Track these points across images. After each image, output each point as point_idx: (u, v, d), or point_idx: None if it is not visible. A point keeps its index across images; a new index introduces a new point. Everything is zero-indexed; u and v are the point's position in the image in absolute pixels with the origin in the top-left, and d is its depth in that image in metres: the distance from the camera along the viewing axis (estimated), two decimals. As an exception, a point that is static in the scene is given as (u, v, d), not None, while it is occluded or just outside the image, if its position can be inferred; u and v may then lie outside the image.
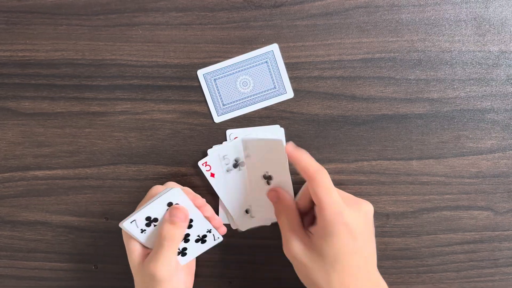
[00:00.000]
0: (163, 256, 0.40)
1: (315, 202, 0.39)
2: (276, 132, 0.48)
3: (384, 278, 0.41)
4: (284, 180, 0.46)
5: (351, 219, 0.39)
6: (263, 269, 0.50)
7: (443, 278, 0.49)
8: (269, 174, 0.47)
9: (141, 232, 0.42)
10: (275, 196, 0.45)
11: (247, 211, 0.48)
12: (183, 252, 0.44)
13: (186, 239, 0.44)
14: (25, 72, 0.48)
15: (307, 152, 0.41)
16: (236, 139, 0.47)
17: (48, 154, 0.49)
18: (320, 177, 0.39)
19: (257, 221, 0.49)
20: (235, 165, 0.47)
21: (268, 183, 0.47)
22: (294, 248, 0.40)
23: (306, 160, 0.40)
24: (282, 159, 0.46)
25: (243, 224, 0.49)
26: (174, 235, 0.41)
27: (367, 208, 0.41)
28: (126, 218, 0.41)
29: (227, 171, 0.47)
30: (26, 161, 0.49)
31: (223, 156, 0.47)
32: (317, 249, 0.39)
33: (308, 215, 0.43)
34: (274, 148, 0.46)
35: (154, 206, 0.41)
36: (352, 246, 0.38)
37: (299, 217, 0.43)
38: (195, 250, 0.45)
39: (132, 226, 0.41)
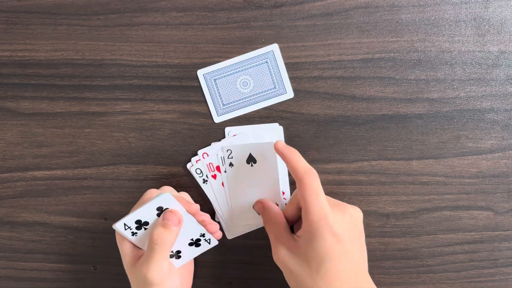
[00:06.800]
0: (154, 259, 0.40)
1: (302, 204, 0.39)
2: (275, 130, 0.48)
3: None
4: (272, 184, 0.46)
5: (336, 223, 0.38)
6: (263, 269, 0.50)
7: (443, 278, 0.49)
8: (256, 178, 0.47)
9: (132, 235, 0.42)
10: (261, 207, 0.45)
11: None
12: (177, 255, 0.44)
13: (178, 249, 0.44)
14: (24, 72, 0.48)
15: (298, 152, 0.41)
16: (215, 145, 0.47)
17: (47, 154, 0.49)
18: (308, 179, 0.39)
19: (243, 229, 0.49)
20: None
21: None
22: (281, 254, 0.40)
23: (297, 161, 0.40)
24: (272, 162, 0.45)
25: (230, 232, 0.49)
26: (165, 239, 0.40)
27: (353, 212, 0.41)
28: (119, 221, 0.41)
29: (204, 182, 0.47)
30: (25, 161, 0.49)
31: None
32: (303, 253, 0.39)
33: (299, 221, 0.43)
34: (266, 150, 0.45)
35: (145, 210, 0.41)
36: (337, 250, 0.38)
37: (285, 224, 0.43)
38: (190, 253, 0.44)
39: (124, 228, 0.41)
